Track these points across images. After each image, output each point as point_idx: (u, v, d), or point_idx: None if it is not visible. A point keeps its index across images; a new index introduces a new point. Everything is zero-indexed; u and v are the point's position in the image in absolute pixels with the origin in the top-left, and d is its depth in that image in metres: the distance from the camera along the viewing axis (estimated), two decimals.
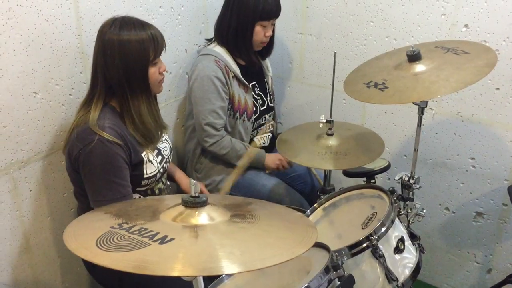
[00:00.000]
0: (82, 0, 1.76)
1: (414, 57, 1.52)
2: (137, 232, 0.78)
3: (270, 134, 2.39)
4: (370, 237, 1.29)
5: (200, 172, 2.23)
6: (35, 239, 1.83)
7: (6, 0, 1.52)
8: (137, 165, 1.62)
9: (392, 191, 1.53)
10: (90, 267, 1.79)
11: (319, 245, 1.22)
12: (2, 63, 1.56)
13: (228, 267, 0.68)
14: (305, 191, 2.31)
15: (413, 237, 1.45)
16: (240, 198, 1.07)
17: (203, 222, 0.85)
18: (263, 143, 2.34)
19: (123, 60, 1.54)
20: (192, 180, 0.86)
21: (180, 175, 2.04)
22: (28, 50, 1.62)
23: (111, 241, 0.75)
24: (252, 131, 2.26)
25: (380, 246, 1.30)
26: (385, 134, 2.38)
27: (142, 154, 1.63)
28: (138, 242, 0.75)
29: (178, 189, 2.11)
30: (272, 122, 2.40)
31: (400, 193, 1.73)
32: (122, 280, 1.69)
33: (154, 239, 0.76)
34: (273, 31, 2.18)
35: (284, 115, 2.71)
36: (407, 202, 1.70)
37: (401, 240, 1.35)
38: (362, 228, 1.40)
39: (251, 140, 2.28)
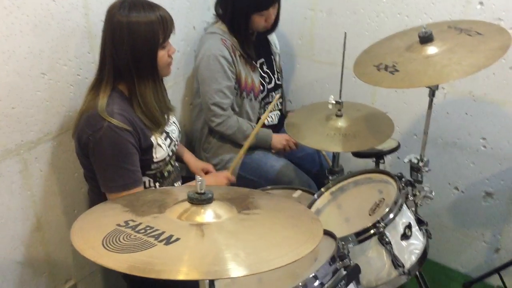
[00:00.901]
0: None
1: (426, 38, 1.49)
2: (143, 231, 0.78)
3: (279, 112, 2.37)
4: (377, 225, 1.29)
5: (208, 151, 2.23)
6: (46, 218, 1.86)
7: None
8: (147, 149, 1.62)
9: (400, 177, 1.52)
10: None
11: (326, 233, 1.22)
12: (10, 45, 1.55)
13: (233, 270, 0.68)
14: (313, 171, 2.31)
15: (420, 222, 1.45)
16: (245, 190, 1.07)
17: (208, 220, 0.85)
18: (271, 122, 2.33)
19: (132, 43, 1.52)
20: (198, 176, 0.85)
21: (188, 156, 2.04)
22: (35, 31, 1.61)
23: (117, 241, 0.75)
24: (259, 110, 2.25)
25: (387, 233, 1.30)
26: (396, 113, 2.34)
27: (151, 139, 1.63)
28: (144, 243, 0.75)
29: (186, 171, 2.12)
30: (280, 100, 2.37)
31: (409, 175, 1.72)
32: None
33: (160, 239, 0.76)
34: (279, 8, 2.12)
35: (293, 92, 2.69)
36: (415, 185, 1.69)
37: (408, 226, 1.35)
38: (369, 215, 1.40)
39: (259, 119, 2.27)
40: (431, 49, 1.48)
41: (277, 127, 2.32)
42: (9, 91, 1.59)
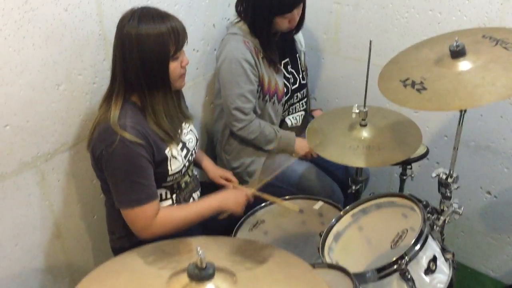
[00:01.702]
0: None
1: (457, 53, 1.37)
2: None
3: (303, 112, 2.29)
4: (399, 261, 1.22)
5: (230, 153, 2.18)
6: (65, 225, 1.86)
7: None
8: (161, 162, 1.58)
9: (426, 205, 1.44)
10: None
11: (342, 270, 1.16)
12: (22, 59, 1.52)
13: None
14: (338, 173, 2.22)
15: (446, 252, 1.37)
16: (254, 245, 1.01)
17: None
18: (295, 123, 2.25)
19: (142, 56, 1.47)
20: (199, 248, 0.79)
21: (207, 163, 2.00)
22: (47, 43, 1.57)
23: None
24: (283, 112, 2.17)
25: (409, 269, 1.23)
26: (425, 113, 2.23)
27: (166, 151, 1.59)
28: None
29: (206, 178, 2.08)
30: (305, 100, 2.28)
31: (437, 190, 1.64)
32: None
33: None
34: (304, 7, 2.01)
35: (318, 89, 2.59)
36: (443, 201, 1.61)
37: (433, 259, 1.27)
38: (391, 248, 1.33)
39: (282, 121, 2.19)
40: (463, 65, 1.36)
41: (302, 129, 2.24)
42: (23, 105, 1.57)
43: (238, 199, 1.73)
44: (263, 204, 1.86)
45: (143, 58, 1.47)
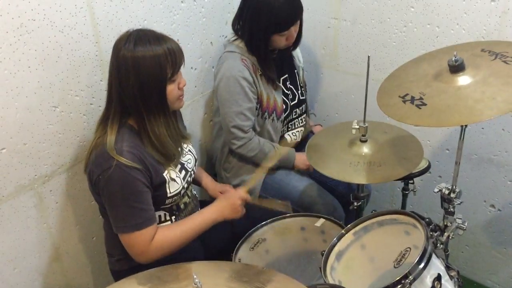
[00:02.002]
0: (97, 6, 1.67)
1: (456, 67, 1.36)
2: None
3: (302, 128, 2.27)
4: (403, 281, 1.19)
5: (229, 171, 2.16)
6: (64, 248, 1.84)
7: (16, 16, 1.45)
8: (159, 186, 1.55)
9: (428, 222, 1.41)
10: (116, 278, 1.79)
11: None
12: (18, 81, 1.51)
13: None
14: (339, 189, 2.20)
15: (450, 269, 1.34)
16: (252, 270, 0.99)
17: None
18: (295, 139, 2.23)
19: (138, 79, 1.44)
20: (195, 276, 0.77)
21: (206, 181, 1.97)
22: (44, 65, 1.56)
23: None
24: (282, 128, 2.15)
25: None
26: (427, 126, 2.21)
27: (164, 174, 1.56)
28: None
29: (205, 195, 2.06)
30: (304, 116, 2.27)
31: (440, 205, 1.61)
32: None
33: None
34: (301, 24, 2.01)
35: (318, 104, 2.58)
36: (447, 216, 1.58)
37: (438, 278, 1.24)
38: (395, 267, 1.30)
39: (282, 137, 2.18)
40: (463, 79, 1.35)
41: (301, 145, 2.22)
42: (20, 127, 1.56)
43: (234, 204, 1.69)
44: (263, 223, 1.83)
45: (140, 81, 1.45)
